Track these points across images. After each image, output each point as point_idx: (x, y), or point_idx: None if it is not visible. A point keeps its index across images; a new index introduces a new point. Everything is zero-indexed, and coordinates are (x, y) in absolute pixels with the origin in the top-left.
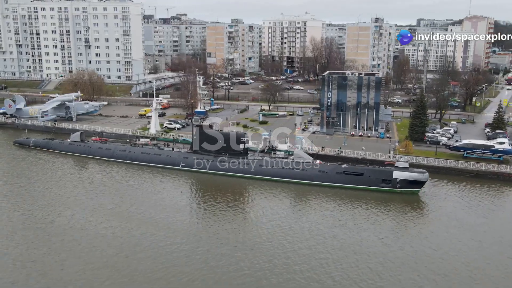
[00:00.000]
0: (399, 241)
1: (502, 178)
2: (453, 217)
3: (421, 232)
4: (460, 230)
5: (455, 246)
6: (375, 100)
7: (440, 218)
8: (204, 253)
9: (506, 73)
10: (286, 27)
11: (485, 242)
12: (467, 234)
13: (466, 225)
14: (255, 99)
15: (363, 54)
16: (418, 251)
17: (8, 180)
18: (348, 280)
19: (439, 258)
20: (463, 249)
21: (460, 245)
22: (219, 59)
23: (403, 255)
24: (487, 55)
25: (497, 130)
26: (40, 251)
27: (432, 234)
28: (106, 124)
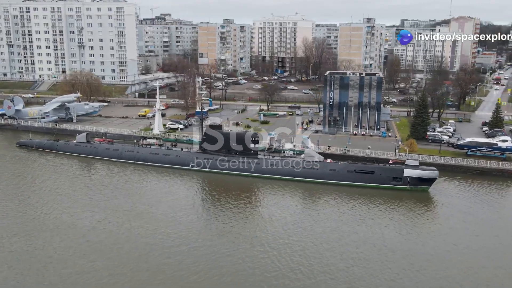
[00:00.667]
0: (421, 237)
1: (507, 175)
2: (468, 213)
3: (440, 228)
4: (477, 225)
5: (477, 241)
6: (376, 100)
7: (454, 214)
8: (239, 253)
9: (492, 73)
10: (277, 27)
11: (502, 236)
12: (484, 229)
13: (482, 220)
14: (252, 99)
15: (356, 54)
16: (442, 246)
17: (19, 182)
18: (386, 275)
19: (464, 253)
20: (485, 244)
21: (481, 240)
22: (211, 59)
23: (428, 250)
24: (473, 55)
25: (495, 129)
26: (67, 253)
27: (452, 230)
28: (107, 125)
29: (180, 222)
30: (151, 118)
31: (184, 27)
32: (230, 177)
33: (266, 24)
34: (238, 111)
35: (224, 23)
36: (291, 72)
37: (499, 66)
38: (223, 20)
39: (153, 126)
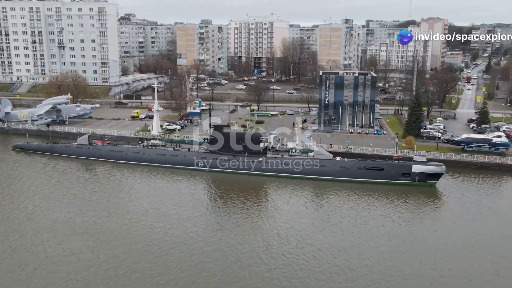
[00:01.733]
0: (448, 229)
1: (504, 169)
2: (481, 205)
3: (460, 220)
4: (494, 216)
5: (500, 230)
6: (371, 98)
7: (469, 207)
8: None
9: (461, 72)
10: (253, 27)
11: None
12: (502, 219)
13: (495, 210)
14: (239, 99)
15: (336, 54)
16: (470, 237)
17: (31, 188)
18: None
19: (491, 242)
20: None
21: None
22: (190, 60)
23: (458, 240)
24: (442, 55)
25: (483, 125)
26: (111, 255)
27: (473, 222)
28: (100, 126)
29: (209, 222)
30: (144, 119)
31: (159, 28)
32: (241, 177)
33: (242, 25)
34: (230, 112)
35: (202, 23)
36: (269, 72)
37: (465, 65)
38: (201, 20)
39: (150, 127)
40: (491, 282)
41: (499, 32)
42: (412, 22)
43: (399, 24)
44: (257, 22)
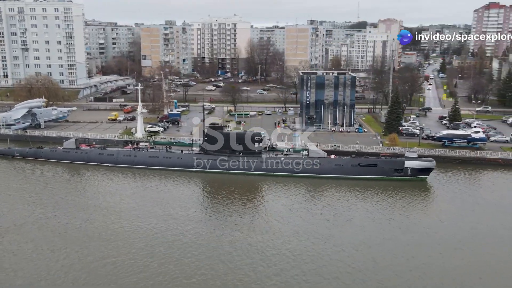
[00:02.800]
0: (455, 220)
1: (485, 163)
2: (477, 197)
3: (462, 210)
4: (491, 206)
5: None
6: (351, 98)
7: (466, 199)
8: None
9: (418, 71)
10: (216, 28)
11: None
12: (499, 209)
13: (490, 202)
14: (213, 100)
15: (302, 55)
16: (478, 227)
17: (24, 196)
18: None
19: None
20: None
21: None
22: (155, 61)
23: (465, 231)
24: (399, 55)
25: (455, 122)
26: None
27: (474, 212)
28: (79, 130)
29: (225, 222)
30: (123, 122)
31: (120, 29)
32: (237, 177)
33: (204, 26)
34: (207, 113)
35: (166, 24)
36: (233, 73)
37: (419, 65)
38: (165, 21)
39: (133, 129)
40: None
41: (447, 32)
42: (363, 23)
43: (352, 25)
44: (220, 23)
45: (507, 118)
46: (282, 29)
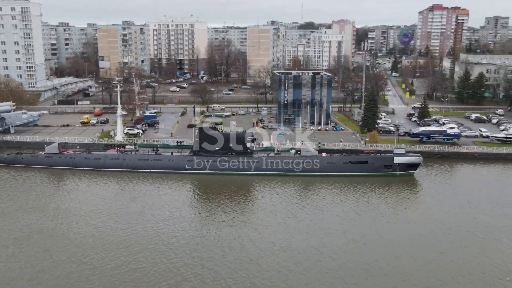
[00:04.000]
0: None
1: (462, 157)
2: (469, 188)
3: (460, 200)
4: (484, 195)
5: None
6: (327, 97)
7: (457, 192)
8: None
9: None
10: (173, 29)
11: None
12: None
13: (485, 191)
14: (182, 101)
15: (265, 55)
16: (483, 217)
17: (20, 205)
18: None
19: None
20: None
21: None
22: (113, 62)
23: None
24: (352, 55)
25: (425, 118)
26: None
27: (470, 203)
28: (52, 134)
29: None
30: (96, 125)
31: (72, 29)
32: (230, 177)
33: (161, 26)
34: (180, 114)
35: (124, 24)
36: (192, 74)
37: (371, 64)
38: (122, 21)
39: (112, 132)
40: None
41: (391, 33)
42: (311, 24)
43: (300, 26)
44: (177, 23)
45: (470, 114)
46: (236, 29)
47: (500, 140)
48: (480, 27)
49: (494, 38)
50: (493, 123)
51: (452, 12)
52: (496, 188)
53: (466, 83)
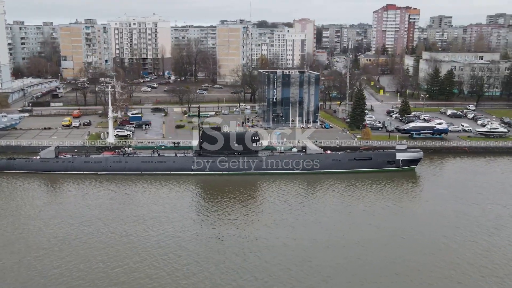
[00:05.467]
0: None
1: (453, 151)
2: (474, 180)
3: (469, 193)
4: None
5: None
6: (315, 95)
7: (464, 183)
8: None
9: (328, 68)
10: (135, 28)
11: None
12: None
13: (485, 184)
14: (159, 101)
15: (235, 54)
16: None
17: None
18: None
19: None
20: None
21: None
22: (77, 62)
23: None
24: (313, 53)
25: (407, 115)
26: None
27: (483, 196)
28: (36, 137)
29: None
30: (80, 127)
31: (28, 28)
32: (237, 177)
33: (122, 25)
34: (163, 114)
35: (87, 23)
36: (157, 73)
37: (329, 62)
38: (85, 20)
39: (102, 134)
40: None
41: (345, 32)
42: (264, 22)
43: (253, 24)
44: (139, 22)
45: (446, 110)
46: (196, 28)
47: (484, 134)
48: (427, 26)
49: (441, 37)
50: (469, 118)
51: (405, 11)
52: (500, 178)
53: (435, 80)
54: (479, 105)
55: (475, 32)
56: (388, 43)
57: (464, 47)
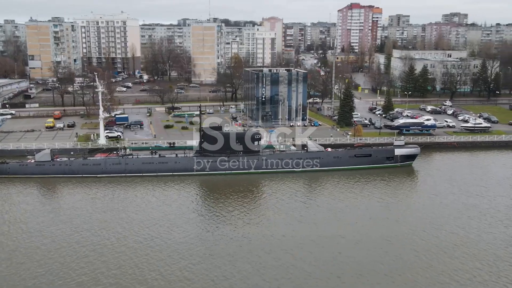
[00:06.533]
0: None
1: (443, 146)
2: (472, 173)
3: (472, 186)
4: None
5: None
6: (303, 93)
7: (464, 176)
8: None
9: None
10: (103, 26)
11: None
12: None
13: (483, 176)
14: (139, 101)
15: (210, 53)
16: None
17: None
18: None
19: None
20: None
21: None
22: (45, 62)
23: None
24: (282, 52)
25: (390, 112)
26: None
27: (486, 188)
28: (22, 140)
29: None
30: (65, 129)
31: None
32: (240, 177)
33: (90, 23)
34: (148, 115)
35: (55, 21)
36: (126, 73)
37: (297, 60)
38: (52, 18)
39: (92, 136)
40: None
41: (309, 30)
42: (226, 21)
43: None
44: (107, 20)
45: (425, 106)
46: (162, 26)
47: (469, 130)
48: (388, 25)
49: (401, 35)
50: (449, 114)
51: (369, 10)
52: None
53: (410, 78)
54: (453, 101)
55: (435, 30)
56: (353, 41)
57: (423, 45)
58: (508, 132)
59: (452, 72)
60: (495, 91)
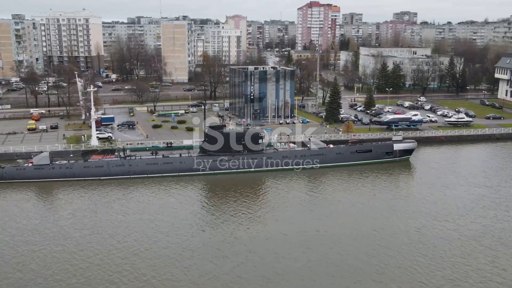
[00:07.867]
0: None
1: (432, 140)
2: (470, 165)
3: (475, 177)
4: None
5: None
6: (290, 91)
7: (463, 167)
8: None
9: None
10: (65, 24)
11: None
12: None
13: (482, 167)
14: (116, 101)
15: (181, 51)
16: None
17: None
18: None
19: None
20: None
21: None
22: (7, 61)
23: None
24: (247, 50)
25: (372, 108)
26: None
27: (488, 180)
28: (6, 144)
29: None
30: (50, 131)
31: None
32: (245, 175)
33: (50, 21)
34: (131, 114)
35: (15, 18)
36: (90, 71)
37: (260, 58)
38: (13, 15)
39: (84, 137)
40: None
41: (267, 28)
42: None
43: (170, 19)
44: (68, 18)
45: (403, 102)
46: (122, 24)
47: (452, 124)
48: (343, 23)
49: (357, 33)
50: (426, 109)
51: (328, 8)
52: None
53: (383, 74)
54: (425, 97)
55: (390, 28)
56: (313, 39)
57: (379, 43)
58: (488, 126)
59: (423, 68)
60: (462, 87)
